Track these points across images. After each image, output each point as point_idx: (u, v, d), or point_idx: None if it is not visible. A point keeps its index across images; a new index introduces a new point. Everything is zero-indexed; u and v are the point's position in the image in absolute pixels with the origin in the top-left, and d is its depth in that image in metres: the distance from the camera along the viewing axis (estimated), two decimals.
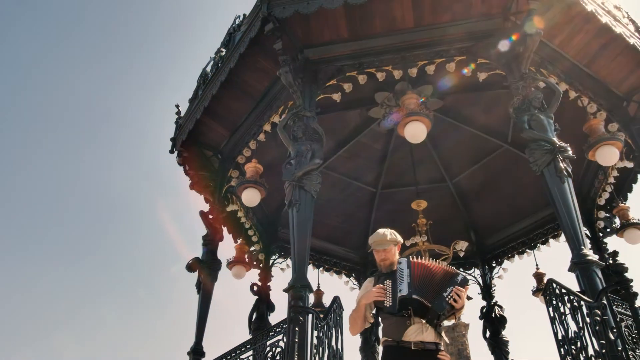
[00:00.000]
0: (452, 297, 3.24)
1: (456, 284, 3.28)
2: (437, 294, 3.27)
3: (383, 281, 3.42)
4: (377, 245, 3.62)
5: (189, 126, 6.07)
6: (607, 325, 3.27)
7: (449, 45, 5.09)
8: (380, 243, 3.61)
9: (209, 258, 5.93)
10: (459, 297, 3.25)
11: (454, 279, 3.32)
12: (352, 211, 8.47)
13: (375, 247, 3.62)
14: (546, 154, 4.27)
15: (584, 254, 3.79)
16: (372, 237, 3.70)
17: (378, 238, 3.64)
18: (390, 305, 3.29)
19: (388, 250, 3.60)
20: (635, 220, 6.28)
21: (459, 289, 3.27)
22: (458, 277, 3.34)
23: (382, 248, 3.60)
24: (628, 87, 5.64)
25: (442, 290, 3.27)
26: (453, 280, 3.31)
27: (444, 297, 3.24)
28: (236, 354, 4.48)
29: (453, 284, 3.29)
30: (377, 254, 3.62)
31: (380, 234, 3.65)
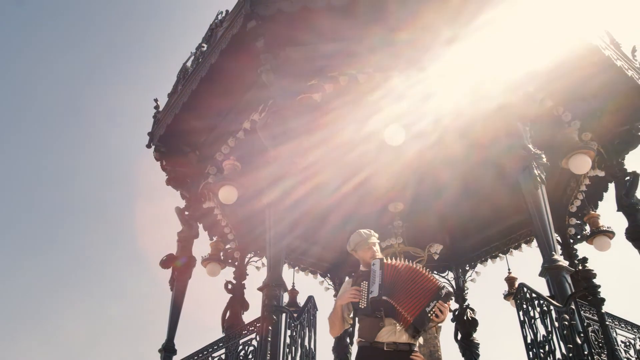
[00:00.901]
0: (434, 313, 3.17)
1: (440, 299, 3.20)
2: (417, 306, 3.18)
3: (361, 282, 3.43)
4: (369, 238, 3.67)
5: (167, 121, 6.00)
6: (574, 329, 3.35)
7: None
8: (370, 236, 3.67)
9: (184, 255, 5.87)
10: (441, 313, 3.20)
11: (438, 293, 3.22)
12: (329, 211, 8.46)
13: (369, 241, 3.66)
14: (521, 160, 4.35)
15: (555, 259, 3.87)
16: (356, 237, 3.71)
17: (366, 236, 3.68)
18: (365, 307, 3.30)
19: (376, 247, 3.67)
20: (605, 228, 6.43)
21: (442, 305, 3.20)
22: (442, 290, 3.24)
23: (373, 241, 3.66)
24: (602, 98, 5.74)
25: (423, 303, 3.18)
26: (437, 295, 3.21)
27: (426, 313, 3.16)
28: (208, 352, 4.45)
29: (437, 298, 3.19)
30: (367, 252, 3.63)
31: (367, 232, 3.70)
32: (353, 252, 3.77)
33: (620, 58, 5.43)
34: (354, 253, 3.76)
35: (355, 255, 3.78)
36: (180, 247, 5.94)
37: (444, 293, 3.23)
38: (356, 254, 3.73)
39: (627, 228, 5.32)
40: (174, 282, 5.74)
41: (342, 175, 8.06)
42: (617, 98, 5.71)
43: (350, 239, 3.77)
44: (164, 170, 6.34)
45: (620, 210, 5.44)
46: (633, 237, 5.23)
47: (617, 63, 5.32)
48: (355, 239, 3.72)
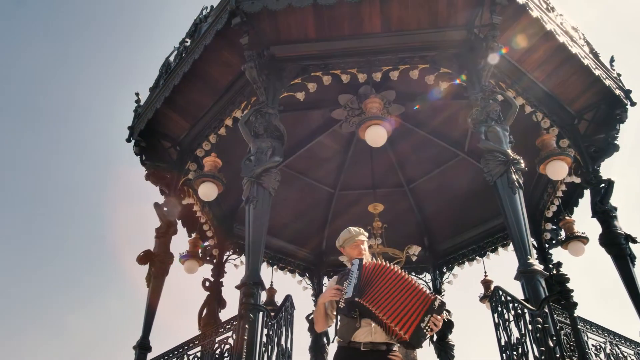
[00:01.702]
0: (429, 328, 3.09)
1: (434, 312, 3.08)
2: (409, 320, 3.06)
3: (344, 281, 3.43)
4: (357, 236, 3.69)
5: (148, 115, 5.94)
6: (547, 332, 3.40)
7: (414, 53, 5.18)
8: (359, 234, 3.70)
9: (161, 251, 5.81)
10: (435, 326, 3.14)
11: (431, 306, 3.09)
12: (309, 211, 8.48)
13: (357, 238, 3.68)
14: (500, 165, 4.40)
15: (530, 263, 3.92)
16: (345, 234, 3.74)
17: (356, 231, 3.72)
18: (343, 307, 3.30)
19: (364, 244, 3.70)
20: (580, 234, 6.55)
21: (436, 318, 3.11)
22: (435, 302, 3.11)
23: (361, 239, 3.69)
24: (580, 106, 5.89)
25: (416, 318, 3.06)
26: (431, 308, 3.08)
27: (421, 329, 3.04)
28: (184, 350, 4.41)
29: (431, 312, 3.07)
30: (354, 248, 3.66)
31: (356, 230, 3.74)
32: (341, 249, 3.80)
33: (598, 67, 5.55)
34: (342, 249, 3.79)
35: (343, 252, 3.81)
36: (157, 244, 5.88)
37: (438, 305, 3.11)
38: (344, 250, 3.77)
39: (600, 234, 5.43)
40: (150, 278, 5.67)
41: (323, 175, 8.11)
42: (594, 106, 5.83)
43: (340, 234, 3.80)
44: (144, 165, 6.27)
45: (594, 216, 5.54)
46: (606, 243, 5.34)
47: (595, 72, 5.43)
48: (344, 235, 3.75)
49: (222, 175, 5.71)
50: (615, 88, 5.64)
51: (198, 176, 5.71)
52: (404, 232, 8.31)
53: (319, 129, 7.15)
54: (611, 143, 5.79)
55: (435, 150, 7.46)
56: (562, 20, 5.36)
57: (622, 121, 5.78)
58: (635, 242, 5.31)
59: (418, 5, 4.87)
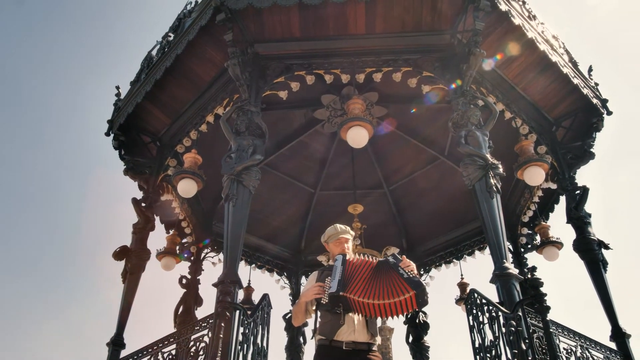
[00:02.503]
0: (410, 273, 3.17)
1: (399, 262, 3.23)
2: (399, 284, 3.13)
3: (326, 276, 3.44)
4: (343, 233, 3.73)
5: (128, 109, 5.86)
6: (520, 335, 3.46)
7: (397, 56, 5.21)
8: (345, 232, 3.74)
9: (138, 247, 5.74)
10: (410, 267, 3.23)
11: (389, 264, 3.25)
12: (289, 210, 8.47)
13: (342, 235, 3.72)
14: (479, 169, 4.45)
15: (506, 267, 3.98)
16: (331, 230, 3.78)
17: (342, 228, 3.77)
18: (326, 303, 3.31)
19: (349, 242, 3.74)
20: (554, 239, 6.66)
21: (404, 264, 3.23)
22: (389, 260, 3.30)
23: (345, 237, 3.72)
24: (558, 113, 5.99)
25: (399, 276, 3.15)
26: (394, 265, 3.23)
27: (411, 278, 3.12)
28: (158, 348, 4.36)
29: (396, 267, 3.21)
30: (338, 245, 3.69)
31: (343, 227, 3.78)
32: (325, 244, 3.84)
33: (577, 76, 5.65)
34: (326, 245, 3.82)
35: (327, 248, 3.84)
36: (135, 239, 5.81)
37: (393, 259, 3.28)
38: (327, 246, 3.81)
39: (574, 240, 5.52)
40: (126, 274, 5.60)
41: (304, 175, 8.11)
42: (572, 114, 5.94)
43: (326, 230, 3.84)
44: (122, 159, 6.19)
45: (569, 222, 5.64)
46: (580, 248, 5.43)
47: (574, 81, 5.53)
48: (330, 231, 3.79)
49: (202, 172, 5.68)
50: (593, 97, 5.75)
51: (177, 172, 5.66)
52: (382, 233, 8.35)
53: (301, 128, 7.15)
54: (587, 151, 5.89)
55: (416, 153, 7.51)
56: (543, 29, 5.44)
57: (598, 130, 5.89)
58: (607, 248, 5.41)
59: (403, 8, 4.89)
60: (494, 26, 5.02)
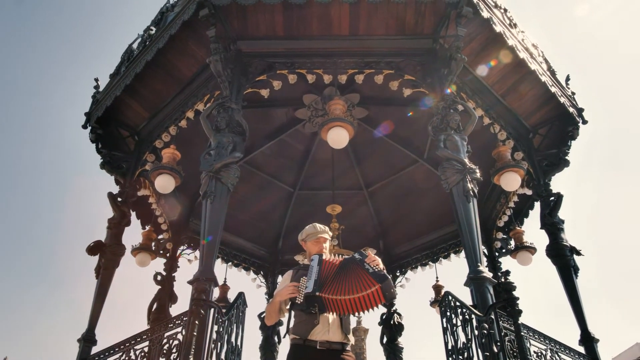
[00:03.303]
0: (376, 267, 3.19)
1: (364, 258, 3.25)
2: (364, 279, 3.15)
3: (301, 276, 3.45)
4: (322, 233, 3.72)
5: (106, 102, 5.77)
6: (492, 338, 3.51)
7: (380, 58, 5.24)
8: (323, 232, 3.74)
9: (113, 242, 5.65)
10: (376, 261, 3.26)
11: (355, 260, 3.27)
12: (267, 209, 8.45)
13: (320, 235, 3.71)
14: (456, 173, 4.50)
15: (480, 270, 4.03)
16: (310, 229, 3.78)
17: (321, 228, 3.76)
18: (301, 303, 3.31)
19: (327, 242, 3.73)
20: (528, 244, 6.78)
21: (369, 259, 3.25)
22: (355, 255, 3.32)
23: (324, 237, 3.72)
24: (535, 121, 6.08)
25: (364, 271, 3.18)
26: (360, 261, 3.25)
27: (376, 272, 3.15)
28: (130, 345, 4.31)
29: (362, 262, 3.23)
30: (316, 244, 3.69)
31: (322, 227, 3.78)
32: (302, 243, 3.83)
33: (555, 85, 5.75)
34: (303, 243, 3.82)
35: (304, 247, 3.83)
36: (109, 234, 5.72)
37: (358, 255, 3.29)
38: (305, 244, 3.80)
39: (547, 245, 5.61)
40: (100, 270, 5.51)
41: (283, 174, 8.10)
42: (548, 122, 6.04)
43: (305, 228, 3.83)
44: (99, 153, 6.10)
45: (543, 228, 5.73)
46: (552, 254, 5.52)
47: (551, 89, 5.63)
48: (308, 230, 3.79)
49: (180, 168, 5.62)
50: (569, 106, 5.86)
51: (155, 168, 5.60)
52: (360, 235, 8.39)
53: (282, 127, 7.13)
54: (562, 158, 6.00)
55: (395, 156, 7.56)
56: (524, 37, 5.53)
57: (573, 138, 6.00)
58: (579, 254, 5.52)
59: (387, 11, 4.92)
60: (476, 33, 5.09)
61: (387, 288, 3.10)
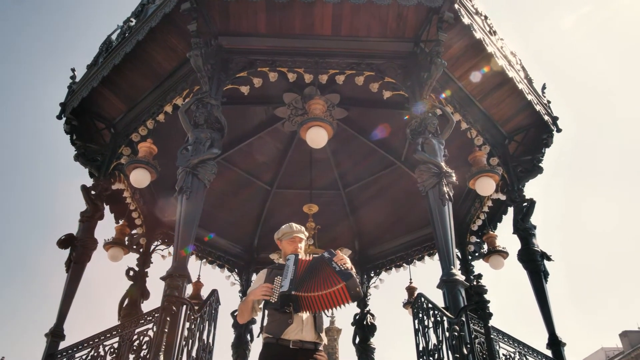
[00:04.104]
0: (342, 266, 3.24)
1: (333, 257, 3.31)
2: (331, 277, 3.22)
3: (275, 275, 3.45)
4: (297, 232, 3.73)
5: (82, 93, 5.67)
6: (462, 340, 3.56)
7: (361, 59, 5.26)
8: (299, 231, 3.75)
9: (85, 236, 5.55)
10: (344, 260, 3.30)
11: (323, 259, 3.33)
12: (244, 206, 8.41)
13: (296, 234, 3.72)
14: (433, 176, 4.55)
15: (453, 273, 4.08)
16: (286, 228, 3.78)
17: (297, 227, 3.77)
18: (275, 301, 3.31)
19: (302, 241, 3.74)
20: (500, 248, 6.89)
21: (337, 258, 3.30)
22: (324, 255, 3.37)
23: (299, 236, 3.72)
24: (511, 127, 6.19)
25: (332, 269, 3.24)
26: (328, 259, 3.31)
27: (342, 270, 3.21)
28: (100, 340, 4.25)
29: (330, 261, 3.29)
30: (291, 244, 3.69)
31: (297, 227, 3.79)
32: (278, 242, 3.83)
33: (531, 93, 5.86)
34: (279, 242, 3.82)
35: (279, 245, 3.83)
36: (82, 228, 5.62)
37: (328, 254, 3.35)
38: (280, 243, 3.80)
39: (519, 250, 5.72)
40: (70, 263, 5.41)
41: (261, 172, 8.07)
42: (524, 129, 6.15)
43: (281, 227, 3.83)
44: (74, 144, 5.99)
45: (515, 233, 5.84)
46: (524, 259, 5.63)
47: (528, 97, 5.73)
48: (284, 229, 3.79)
49: (156, 162, 5.56)
50: (545, 114, 5.97)
51: (131, 161, 5.52)
52: (336, 235, 8.41)
53: (261, 125, 7.11)
54: (536, 165, 6.12)
55: (373, 157, 7.60)
56: (503, 45, 5.61)
57: (548, 145, 6.12)
58: (549, 259, 5.63)
59: (369, 13, 4.95)
60: (456, 38, 5.15)
61: (352, 286, 3.16)
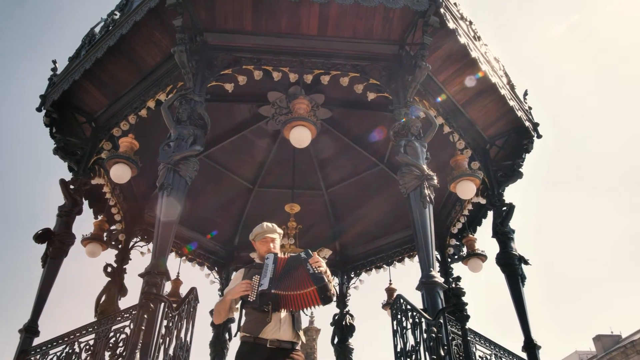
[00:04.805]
0: (317, 269, 3.28)
1: (309, 258, 3.36)
2: (304, 278, 3.28)
3: (253, 274, 3.45)
4: (269, 232, 3.73)
5: (63, 86, 5.59)
6: (440, 342, 3.58)
7: (346, 60, 5.27)
8: (271, 231, 3.75)
9: (62, 231, 5.46)
10: (319, 263, 3.34)
11: (300, 259, 3.40)
12: (225, 204, 8.36)
13: (267, 235, 3.72)
14: (415, 179, 4.58)
15: (432, 275, 4.11)
16: (259, 228, 3.78)
17: (269, 227, 3.77)
18: (254, 300, 3.30)
19: (276, 241, 3.75)
20: (479, 252, 6.96)
21: (313, 260, 3.35)
22: (301, 255, 3.43)
23: (271, 236, 3.73)
24: (493, 132, 6.26)
25: (306, 271, 3.30)
26: (304, 260, 3.37)
27: (315, 273, 3.26)
28: (75, 337, 4.19)
29: (305, 261, 3.35)
30: (264, 244, 3.70)
31: (270, 225, 3.79)
32: (253, 242, 3.83)
33: (513, 98, 5.93)
34: (253, 243, 3.82)
35: (254, 246, 3.83)
36: (59, 222, 5.53)
37: (304, 254, 3.41)
38: (255, 244, 3.80)
39: (497, 254, 5.79)
40: (47, 258, 5.32)
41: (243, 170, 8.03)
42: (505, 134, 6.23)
43: (254, 228, 3.83)
44: (53, 137, 5.89)
45: (494, 237, 5.90)
46: (502, 262, 5.69)
47: (510, 103, 5.80)
48: (257, 230, 3.80)
49: (137, 158, 5.50)
50: (526, 120, 6.05)
51: (112, 156, 5.45)
52: (317, 235, 8.42)
53: (244, 123, 7.08)
54: (516, 170, 6.20)
55: (356, 158, 7.62)
56: (487, 50, 5.68)
57: (528, 151, 6.21)
58: (527, 263, 5.70)
59: (355, 15, 4.96)
60: (441, 42, 5.18)
61: (322, 291, 3.23)
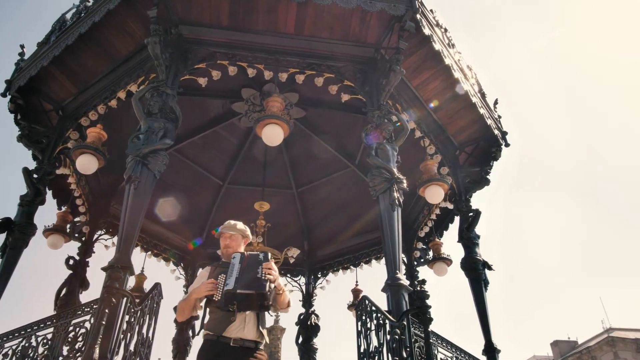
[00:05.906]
0: (265, 274, 3.30)
1: (262, 262, 3.37)
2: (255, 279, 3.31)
3: (219, 273, 3.43)
4: (224, 229, 3.73)
5: (31, 72, 5.43)
6: (402, 344, 3.62)
7: (322, 61, 5.28)
8: (228, 228, 3.74)
9: (24, 221, 5.30)
10: (270, 270, 3.34)
11: (257, 259, 3.40)
12: (194, 200, 8.26)
13: (223, 230, 3.72)
14: (384, 182, 4.62)
15: (398, 277, 4.15)
16: (223, 225, 3.79)
17: (227, 224, 3.77)
18: (219, 300, 3.28)
19: (234, 239, 3.70)
20: (445, 256, 7.07)
21: (266, 265, 3.35)
22: (260, 255, 3.44)
23: (229, 233, 3.70)
24: (463, 139, 6.37)
25: (256, 273, 3.32)
26: (258, 260, 3.38)
27: (260, 278, 3.28)
28: (32, 330, 4.07)
29: (260, 263, 3.36)
30: (222, 240, 3.71)
31: (232, 222, 3.78)
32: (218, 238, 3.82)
33: (483, 107, 6.04)
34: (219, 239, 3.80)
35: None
36: (20, 212, 5.36)
37: (262, 256, 3.42)
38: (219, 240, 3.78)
39: (462, 258, 5.88)
40: (5, 249, 5.15)
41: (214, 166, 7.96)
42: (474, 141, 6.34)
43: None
44: (18, 124, 5.72)
45: (460, 241, 6.00)
46: (466, 267, 5.79)
47: (480, 110, 5.91)
48: (221, 226, 3.79)
49: (105, 149, 5.38)
50: (495, 128, 6.18)
51: (78, 146, 5.32)
52: (286, 234, 8.40)
53: (216, 118, 7.02)
54: (484, 177, 6.32)
55: (328, 159, 7.64)
56: (460, 58, 5.77)
57: (496, 159, 6.33)
58: (490, 269, 5.82)
59: (333, 16, 4.98)
60: (416, 48, 5.25)
61: (259, 298, 3.30)
